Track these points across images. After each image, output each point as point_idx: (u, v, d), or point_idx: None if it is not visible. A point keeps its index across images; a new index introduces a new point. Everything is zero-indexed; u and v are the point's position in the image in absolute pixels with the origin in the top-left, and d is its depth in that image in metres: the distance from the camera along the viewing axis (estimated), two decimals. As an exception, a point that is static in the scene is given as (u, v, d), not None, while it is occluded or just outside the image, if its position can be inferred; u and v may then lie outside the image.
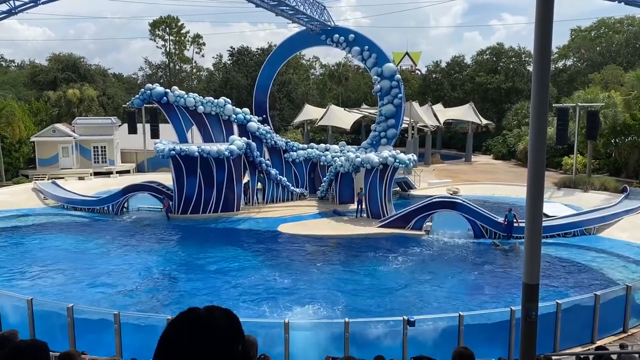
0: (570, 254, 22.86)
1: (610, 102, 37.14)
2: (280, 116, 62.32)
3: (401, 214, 26.27)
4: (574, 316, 13.82)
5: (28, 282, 19.30)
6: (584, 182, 34.62)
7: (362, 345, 11.73)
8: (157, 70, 77.68)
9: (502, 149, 54.10)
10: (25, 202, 33.37)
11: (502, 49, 65.77)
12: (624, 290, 14.61)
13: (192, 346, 1.72)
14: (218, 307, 1.85)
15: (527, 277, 5.91)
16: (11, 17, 32.67)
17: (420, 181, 38.19)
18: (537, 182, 5.76)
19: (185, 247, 24.51)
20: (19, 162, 42.54)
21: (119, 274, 20.35)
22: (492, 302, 17.02)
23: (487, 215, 25.15)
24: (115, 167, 44.80)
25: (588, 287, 18.25)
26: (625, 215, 26.88)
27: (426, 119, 49.30)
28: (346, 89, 72.10)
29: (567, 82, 62.37)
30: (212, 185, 29.38)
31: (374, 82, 33.69)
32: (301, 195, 33.25)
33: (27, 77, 62.87)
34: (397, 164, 27.72)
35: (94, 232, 27.24)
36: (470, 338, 12.03)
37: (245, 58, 68.40)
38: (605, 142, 40.25)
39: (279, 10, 31.79)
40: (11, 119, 39.97)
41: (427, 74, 73.55)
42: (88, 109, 55.37)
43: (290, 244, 24.84)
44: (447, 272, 20.61)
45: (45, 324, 13.26)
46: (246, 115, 33.15)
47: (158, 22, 73.95)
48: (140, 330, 12.90)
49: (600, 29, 66.44)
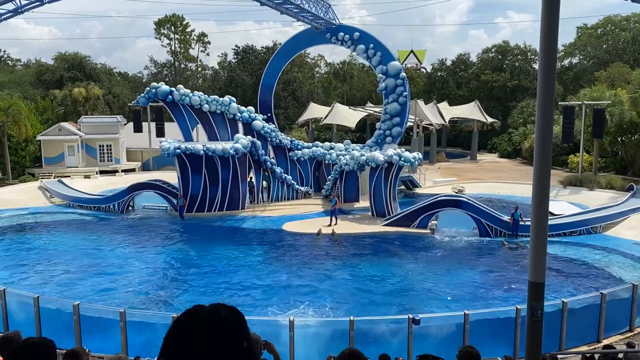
0: (576, 252, 22.77)
1: (616, 100, 36.96)
2: (285, 115, 62.34)
3: (406, 213, 26.27)
4: (580, 315, 13.77)
5: (34, 280, 19.41)
6: (590, 181, 34.48)
7: (367, 344, 11.72)
8: (162, 68, 77.78)
9: (507, 147, 53.94)
10: (31, 200, 33.55)
11: (507, 46, 65.52)
12: (630, 289, 14.56)
13: (197, 343, 1.73)
14: (224, 305, 1.86)
15: (532, 276, 5.89)
16: (17, 16, 32.78)
17: (425, 179, 38.14)
18: (542, 180, 5.73)
19: (190, 246, 24.57)
20: (25, 160, 42.77)
21: (124, 272, 20.43)
22: (498, 301, 16.99)
23: (492, 213, 25.10)
24: (120, 165, 45.01)
25: (594, 285, 18.19)
26: (632, 213, 26.76)
27: (431, 117, 49.23)
28: (351, 87, 72.00)
29: (573, 80, 62.04)
30: (217, 183, 29.43)
31: (379, 81, 33.66)
32: (306, 194, 33.26)
33: (33, 76, 63.09)
34: (402, 162, 27.71)
35: (100, 230, 27.36)
36: (475, 336, 12.01)
37: (250, 56, 68.45)
38: (611, 140, 40.07)
39: (283, 8, 31.78)
40: (17, 118, 40.16)
41: (432, 72, 73.37)
42: (94, 107, 55.59)
43: (295, 242, 24.86)
44: (452, 271, 20.56)
45: (51, 321, 13.33)
46: (251, 114, 33.19)
47: (163, 20, 74.06)
48: (145, 328, 12.95)
49: (607, 26, 66.03)
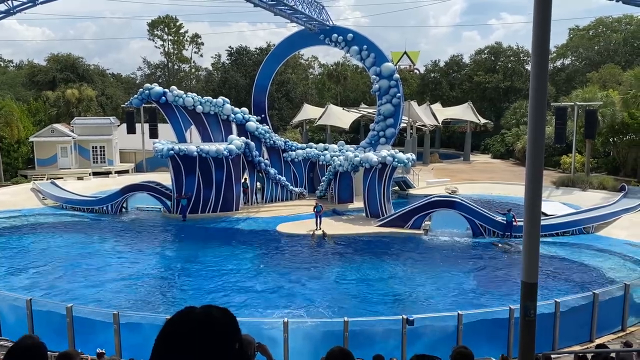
0: (569, 252, 22.88)
1: (608, 101, 37.19)
2: (279, 116, 62.30)
3: (400, 213, 26.30)
4: (573, 315, 13.83)
5: (26, 282, 19.29)
6: (583, 181, 34.66)
7: (361, 345, 11.72)
8: (155, 70, 77.56)
9: (500, 148, 54.14)
10: (24, 202, 33.32)
11: (500, 48, 65.82)
12: (622, 289, 14.64)
13: (189, 344, 1.73)
14: (215, 307, 1.86)
15: (525, 276, 5.91)
16: (9, 17, 32.63)
17: (418, 180, 38.22)
18: (535, 181, 5.76)
19: (184, 247, 24.51)
20: (17, 162, 42.48)
21: (117, 274, 20.34)
22: (492, 301, 17.03)
23: (485, 214, 25.19)
24: (114, 167, 44.77)
25: (587, 285, 18.27)
26: (624, 213, 26.91)
27: (425, 118, 49.36)
28: (345, 88, 72.08)
29: (566, 81, 62.40)
30: (211, 185, 29.35)
31: (373, 82, 33.71)
32: (300, 195, 33.24)
33: (26, 77, 62.75)
34: (396, 163, 27.74)
35: (93, 232, 27.23)
36: (469, 337, 12.04)
37: (244, 58, 68.36)
38: (603, 141, 40.29)
39: (277, 9, 31.78)
40: (10, 119, 39.91)
41: (425, 73, 73.61)
42: (87, 109, 55.28)
43: (289, 243, 24.84)
44: (446, 271, 20.61)
45: (44, 324, 13.24)
46: (245, 115, 33.14)
47: (157, 21, 73.88)
48: (138, 330, 12.89)
49: (598, 28, 66.44)
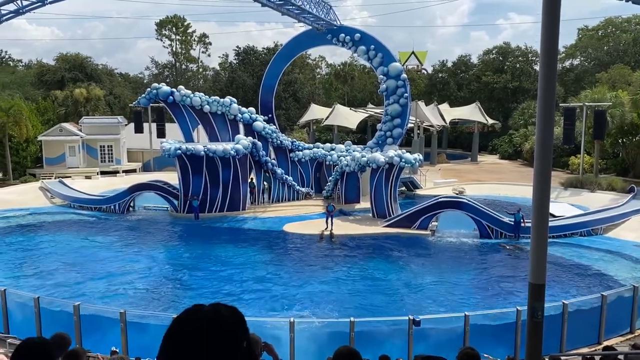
0: (577, 254, 22.74)
1: (617, 101, 36.93)
2: (286, 116, 62.34)
3: (407, 214, 26.24)
4: (581, 316, 13.75)
5: (34, 281, 19.40)
6: (591, 182, 34.43)
7: (367, 345, 11.70)
8: (163, 69, 77.81)
9: (508, 149, 53.90)
10: (32, 201, 33.53)
11: (508, 48, 65.50)
12: (630, 291, 14.55)
13: (197, 343, 1.72)
14: (223, 305, 1.85)
15: (533, 277, 5.88)
16: (19, 16, 32.84)
17: (426, 181, 38.11)
18: (543, 182, 5.72)
19: (190, 246, 24.57)
20: (26, 161, 42.77)
21: (124, 273, 20.42)
22: (499, 302, 16.96)
23: (492, 214, 25.07)
24: (121, 166, 44.98)
25: (595, 287, 18.16)
26: (633, 215, 26.69)
27: (432, 118, 49.22)
28: (352, 88, 71.99)
29: (574, 82, 62.01)
30: (217, 184, 29.41)
31: (380, 82, 33.66)
32: (307, 195, 33.24)
33: (35, 76, 63.13)
34: (403, 163, 27.69)
35: (101, 231, 27.36)
36: (476, 338, 12.00)
37: (251, 57, 68.44)
38: (612, 141, 40.04)
39: (285, 9, 31.80)
40: (18, 118, 40.16)
41: (433, 73, 73.37)
42: (95, 108, 55.62)
43: (296, 243, 24.85)
44: (453, 272, 20.54)
45: (51, 322, 13.31)
46: (252, 115, 33.18)
47: (164, 21, 74.11)
48: (145, 329, 12.94)
49: (608, 28, 66.01)
